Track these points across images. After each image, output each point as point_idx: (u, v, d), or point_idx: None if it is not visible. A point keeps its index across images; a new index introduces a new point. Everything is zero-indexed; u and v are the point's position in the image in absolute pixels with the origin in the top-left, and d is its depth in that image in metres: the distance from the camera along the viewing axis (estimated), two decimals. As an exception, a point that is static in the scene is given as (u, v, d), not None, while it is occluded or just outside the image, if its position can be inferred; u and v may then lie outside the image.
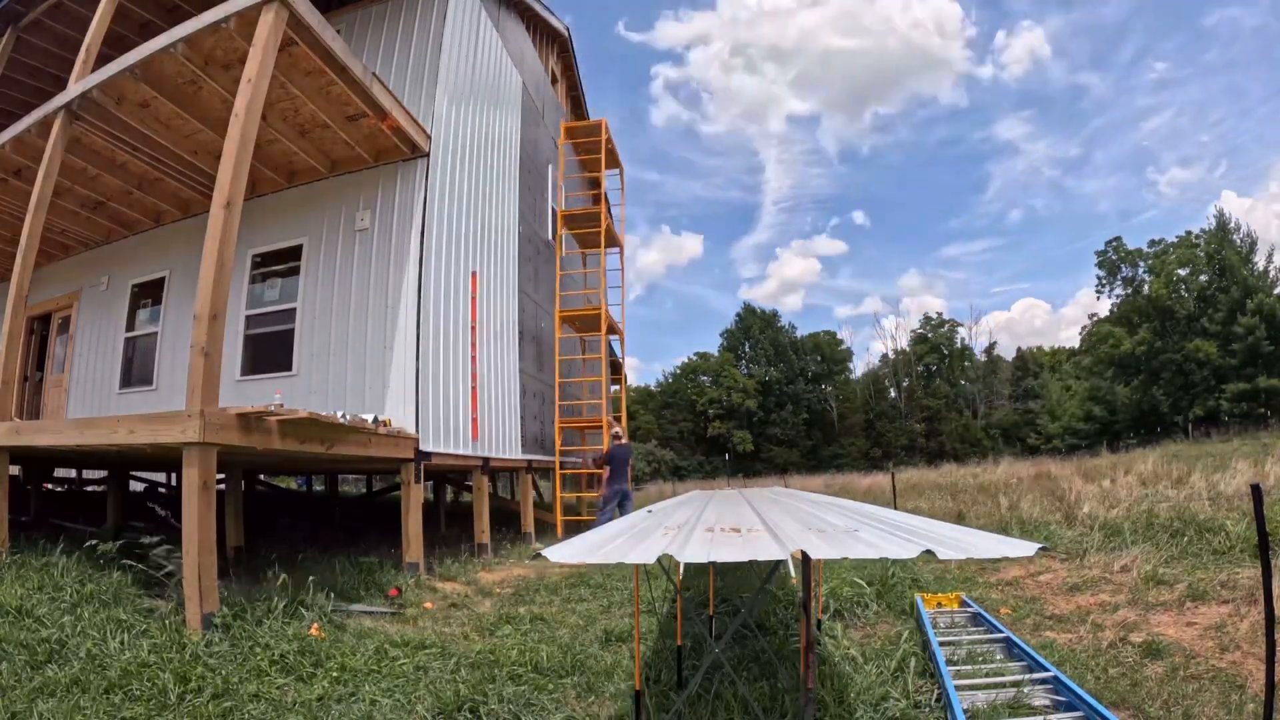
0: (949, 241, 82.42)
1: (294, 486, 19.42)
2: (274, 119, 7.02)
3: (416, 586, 6.37)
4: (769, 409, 52.37)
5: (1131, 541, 6.72)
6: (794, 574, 2.31)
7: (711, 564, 3.38)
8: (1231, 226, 38.71)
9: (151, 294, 9.39)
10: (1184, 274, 39.94)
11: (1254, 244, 38.01)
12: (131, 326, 9.51)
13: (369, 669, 4.00)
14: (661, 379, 58.40)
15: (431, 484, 14.00)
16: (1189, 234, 40.86)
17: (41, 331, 11.03)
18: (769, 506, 3.69)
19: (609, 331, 13.67)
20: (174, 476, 12.19)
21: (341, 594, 5.63)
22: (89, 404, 9.60)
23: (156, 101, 6.65)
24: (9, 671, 3.65)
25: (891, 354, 56.13)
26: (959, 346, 54.16)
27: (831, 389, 55.00)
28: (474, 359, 9.00)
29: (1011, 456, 33.17)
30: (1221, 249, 37.91)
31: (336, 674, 3.88)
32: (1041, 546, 1.97)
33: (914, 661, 3.97)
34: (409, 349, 7.45)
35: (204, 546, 4.49)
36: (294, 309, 8.04)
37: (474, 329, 9.08)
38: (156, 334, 9.12)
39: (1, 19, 8.51)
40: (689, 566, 4.34)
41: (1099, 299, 46.03)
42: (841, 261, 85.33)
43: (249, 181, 5.57)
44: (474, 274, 9.22)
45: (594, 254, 14.06)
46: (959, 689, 3.46)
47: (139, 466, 10.13)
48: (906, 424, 50.90)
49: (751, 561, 1.87)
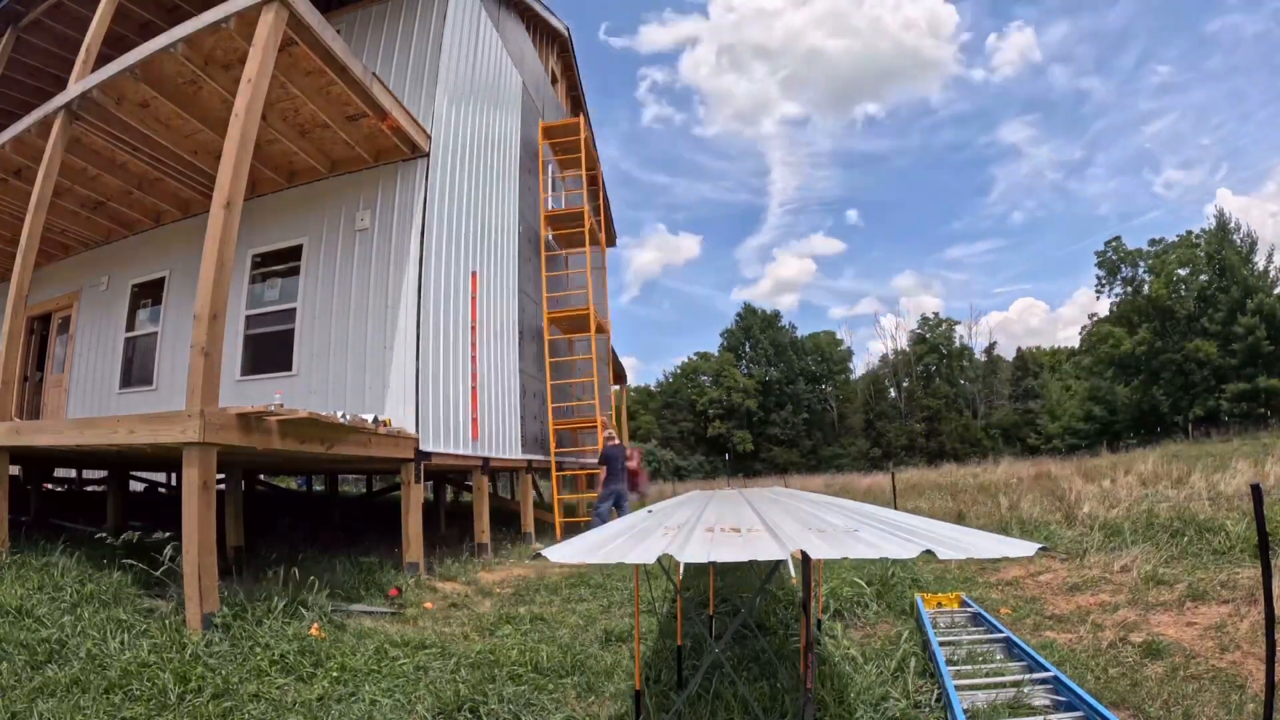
0: (952, 243, 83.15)
1: (294, 486, 19.43)
2: (274, 119, 7.03)
3: (416, 586, 6.37)
4: (769, 409, 52.37)
5: (1131, 541, 6.72)
6: (794, 574, 2.31)
7: (711, 564, 3.38)
8: (1231, 226, 38.75)
9: (151, 294, 9.40)
10: (1184, 274, 39.95)
11: (1254, 244, 38.05)
12: (131, 326, 9.51)
13: (369, 669, 4.00)
14: (661, 379, 58.48)
15: (431, 484, 14.00)
16: (1189, 234, 40.88)
17: (41, 331, 11.03)
18: (769, 506, 3.69)
19: (597, 331, 13.66)
20: (174, 476, 12.19)
21: (341, 594, 5.64)
22: (89, 404, 9.60)
23: (156, 101, 6.65)
24: (9, 671, 3.65)
25: (891, 354, 56.18)
26: (958, 346, 54.16)
27: (831, 389, 55.00)
28: (474, 359, 9.00)
29: (1011, 456, 33.18)
30: (1221, 249, 37.92)
31: (336, 674, 3.88)
32: (1041, 546, 1.97)
33: (914, 661, 3.97)
34: (409, 349, 7.46)
35: (204, 546, 4.50)
36: (294, 309, 8.05)
37: (474, 329, 9.08)
38: (156, 334, 9.12)
39: (1, 19, 8.52)
40: (689, 566, 4.34)
41: (1099, 299, 46.09)
42: (843, 262, 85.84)
43: (249, 181, 5.58)
44: (474, 274, 9.22)
45: (576, 254, 13.95)
46: (959, 689, 3.46)
47: (139, 466, 10.14)
48: (906, 424, 50.90)
49: (751, 561, 1.87)
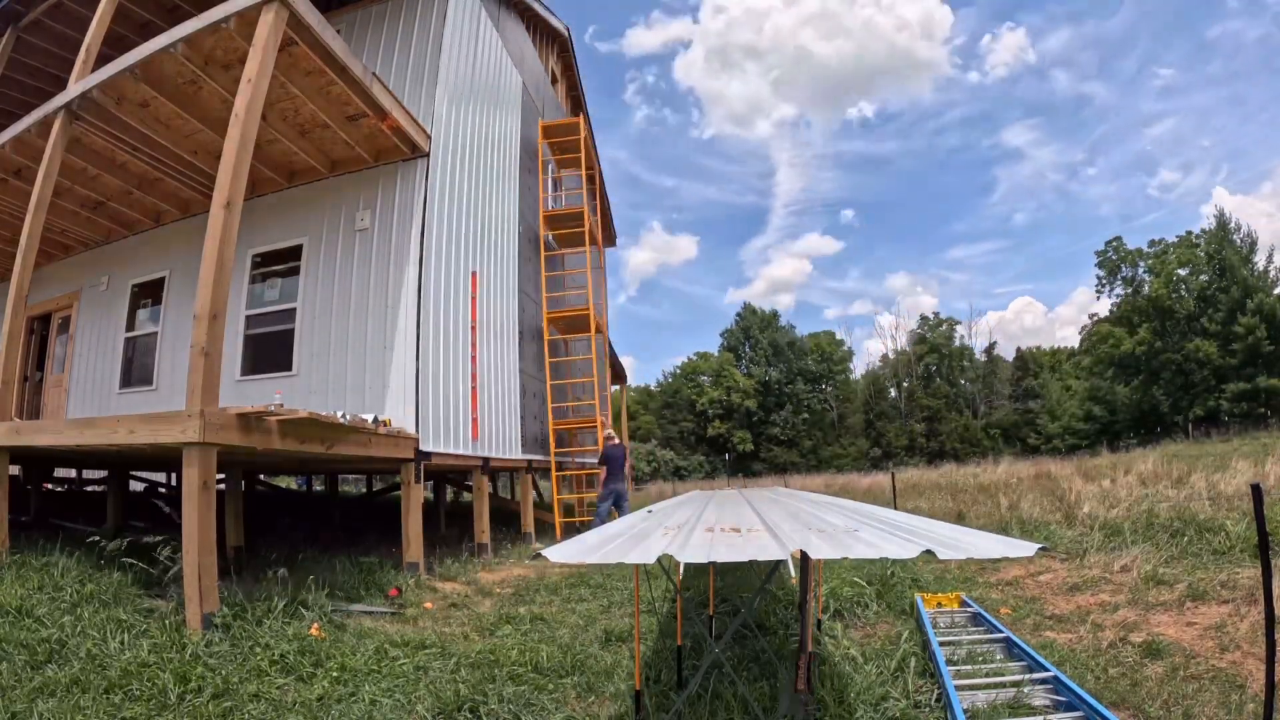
0: (955, 244, 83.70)
1: (294, 486, 19.43)
2: (274, 119, 7.03)
3: (416, 586, 6.37)
4: (769, 409, 52.36)
5: (1131, 541, 6.72)
6: (794, 574, 2.31)
7: (711, 564, 3.38)
8: (1232, 226, 38.76)
9: (151, 294, 9.40)
10: (1184, 274, 39.96)
11: (1254, 244, 38.08)
12: (131, 326, 9.51)
13: (369, 669, 4.00)
14: (661, 379, 58.48)
15: (431, 484, 14.00)
16: (1189, 234, 40.91)
17: (41, 331, 11.03)
18: (769, 506, 3.69)
19: (596, 331, 13.65)
20: (174, 476, 12.19)
21: (342, 594, 5.64)
22: (89, 404, 9.59)
23: (156, 101, 6.65)
24: (9, 671, 3.65)
25: (891, 354, 56.18)
26: (958, 346, 54.15)
27: (831, 389, 54.98)
28: (474, 359, 9.00)
29: (1011, 456, 33.21)
30: (1221, 249, 37.93)
31: (336, 674, 3.88)
32: (1041, 547, 1.97)
33: (914, 661, 3.97)
34: (409, 349, 7.45)
35: (204, 546, 4.50)
36: (294, 309, 8.04)
37: (474, 329, 9.08)
38: (156, 334, 9.12)
39: (1, 19, 8.51)
40: (689, 566, 4.34)
41: (1099, 299, 46.18)
42: (840, 262, 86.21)
43: (249, 181, 5.58)
44: (474, 274, 9.22)
45: (574, 254, 13.93)
46: (959, 689, 3.46)
47: (139, 466, 10.13)
48: (906, 424, 50.89)
49: (751, 561, 1.87)
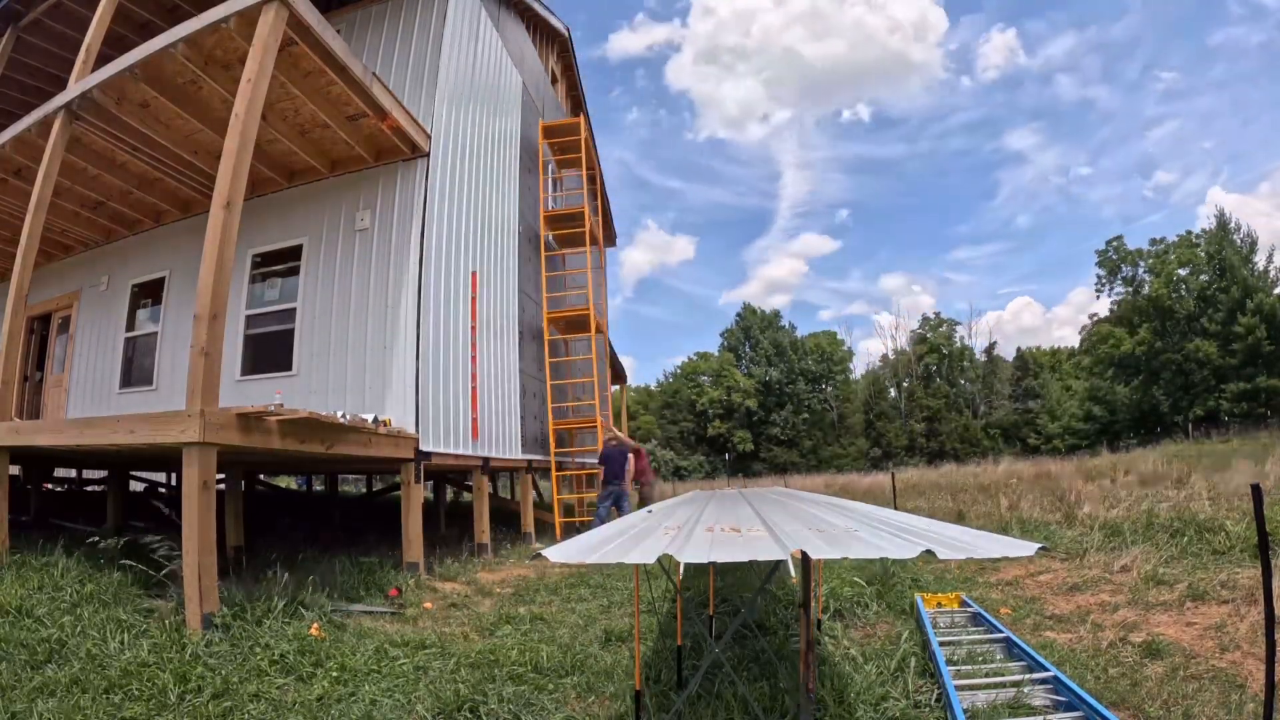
0: (957, 245, 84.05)
1: (294, 486, 19.44)
2: (274, 119, 7.03)
3: (416, 586, 6.37)
4: (769, 409, 52.37)
5: (1131, 541, 6.72)
6: (794, 574, 2.31)
7: (711, 564, 3.38)
8: (1232, 227, 38.77)
9: (151, 294, 9.39)
10: (1184, 274, 39.97)
11: (1254, 244, 38.12)
12: (131, 326, 9.51)
13: (369, 669, 4.00)
14: (662, 379, 58.49)
15: (431, 484, 14.00)
16: (1189, 234, 40.96)
17: (41, 331, 11.03)
18: (769, 506, 3.69)
19: (596, 331, 13.65)
20: (174, 476, 12.19)
21: (341, 594, 5.64)
22: (89, 404, 9.59)
23: (157, 101, 6.65)
24: (9, 671, 3.65)
25: (891, 354, 56.19)
26: (958, 346, 54.17)
27: (832, 389, 54.99)
28: (474, 359, 9.00)
29: (1011, 456, 33.23)
30: (1222, 249, 37.94)
31: (336, 674, 3.88)
32: (1041, 546, 1.97)
33: (914, 661, 3.97)
34: (409, 349, 7.45)
35: (204, 546, 4.50)
36: (294, 309, 8.04)
37: (474, 329, 9.08)
38: (156, 334, 9.12)
39: (1, 19, 8.51)
40: (689, 566, 4.34)
41: (1099, 298, 46.23)
42: (838, 263, 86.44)
43: (249, 181, 5.57)
44: (474, 274, 9.22)
45: (575, 254, 13.92)
46: (959, 689, 3.46)
47: (139, 466, 10.14)
48: (906, 424, 50.90)
49: (751, 561, 1.87)
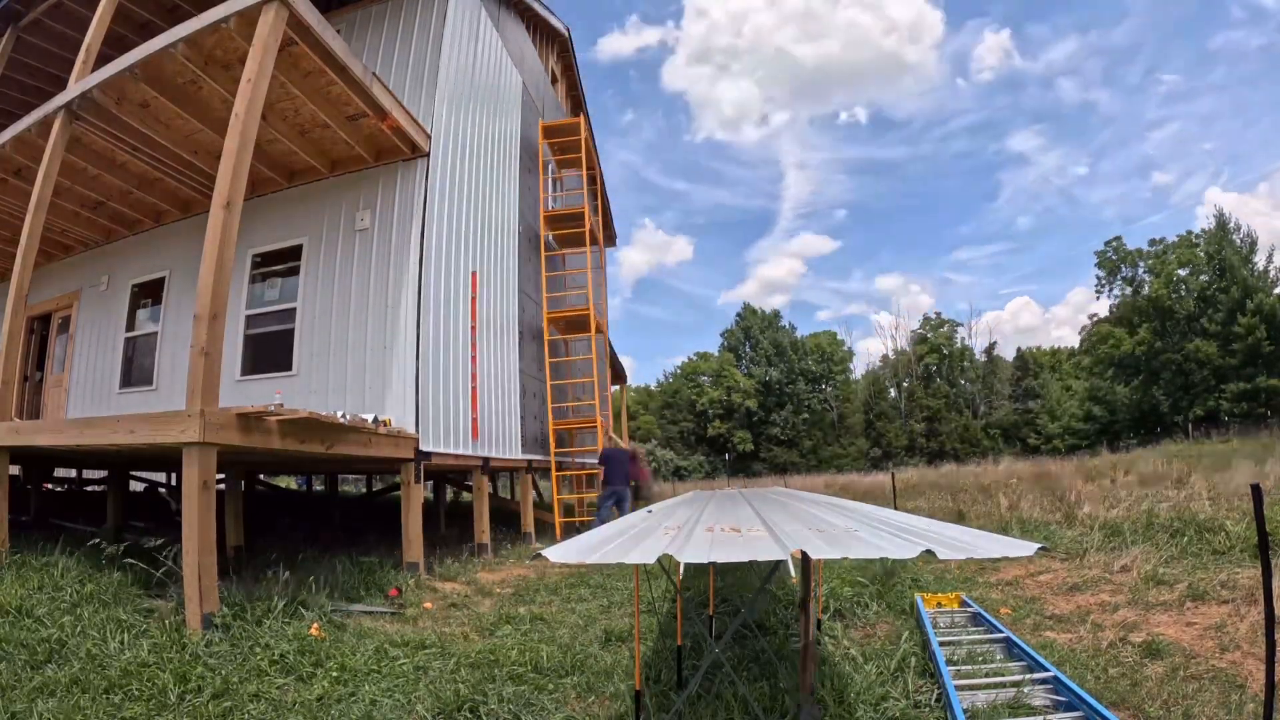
0: (959, 246, 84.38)
1: (294, 486, 19.43)
2: (274, 119, 7.03)
3: (416, 586, 6.37)
4: (769, 409, 52.35)
5: (1131, 541, 6.72)
6: (794, 574, 2.31)
7: (711, 564, 3.38)
8: (1231, 227, 38.77)
9: (151, 294, 9.39)
10: (1184, 274, 39.97)
11: (1254, 244, 38.10)
12: (131, 326, 9.51)
13: (369, 669, 4.00)
14: (662, 379, 58.49)
15: (431, 484, 13.99)
16: (1189, 234, 40.94)
17: (41, 331, 11.03)
18: (769, 506, 3.69)
19: (596, 331, 13.64)
20: (174, 476, 12.19)
21: (342, 594, 5.64)
22: (89, 404, 9.59)
23: (157, 101, 6.65)
24: (9, 671, 3.65)
25: (891, 354, 56.17)
26: (959, 346, 54.17)
27: (832, 389, 54.97)
28: (474, 359, 9.00)
29: (1011, 456, 33.25)
30: (1221, 249, 37.94)
31: (336, 674, 3.88)
32: (1041, 546, 1.97)
33: (914, 661, 3.97)
34: (409, 349, 7.45)
35: (204, 546, 4.50)
36: (294, 309, 8.04)
37: (474, 329, 9.08)
38: (156, 334, 9.12)
39: (1, 19, 8.51)
40: (689, 566, 4.34)
41: (1098, 298, 46.21)
42: (837, 264, 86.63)
43: (249, 181, 5.57)
44: (474, 274, 9.22)
45: (575, 254, 13.90)
46: (959, 689, 3.46)
47: (139, 466, 10.13)
48: (906, 424, 50.88)
49: (751, 562, 1.87)
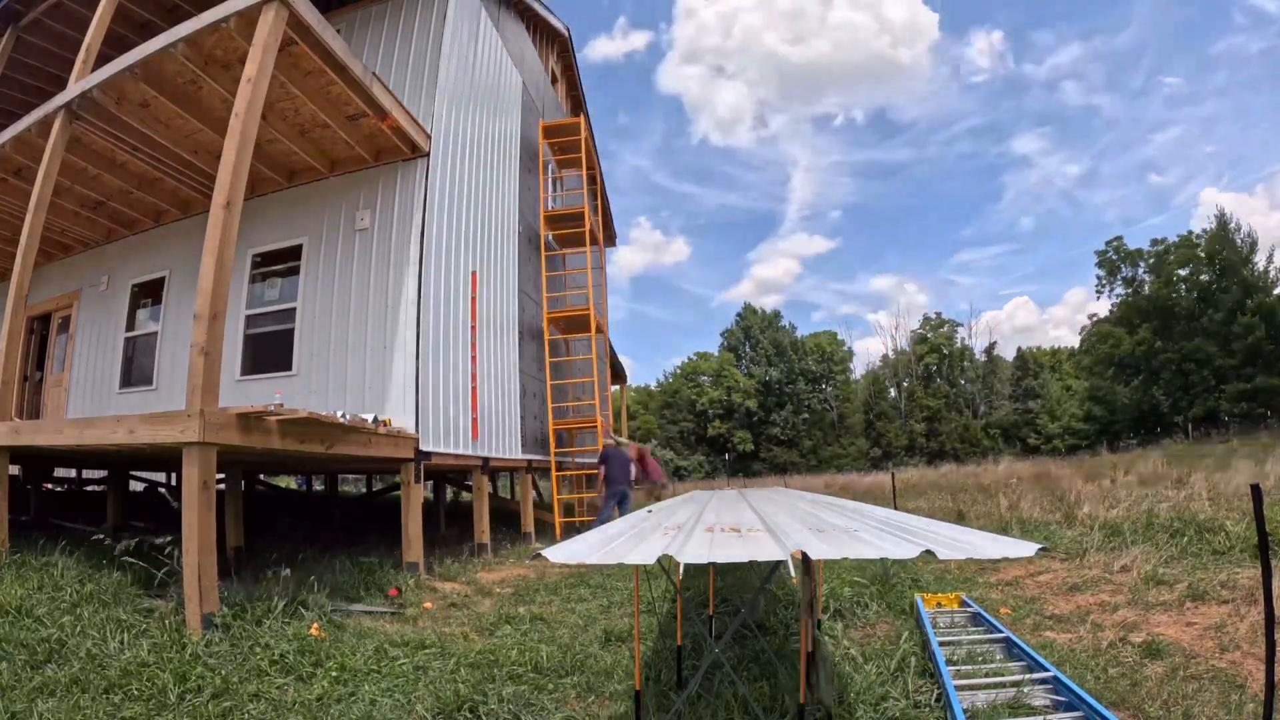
0: (962, 248, 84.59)
1: (294, 486, 19.44)
2: (274, 119, 7.03)
3: (416, 586, 6.37)
4: (769, 409, 52.34)
5: (1131, 541, 6.72)
6: (794, 574, 2.31)
7: (711, 564, 3.38)
8: (1232, 227, 38.75)
9: (151, 294, 9.39)
10: (1184, 274, 39.97)
11: (1254, 244, 38.06)
12: (131, 326, 9.51)
13: (369, 669, 4.00)
14: (661, 379, 58.48)
15: (431, 484, 14.00)
16: (1189, 234, 40.93)
17: (41, 331, 11.03)
18: (769, 506, 3.69)
19: (596, 331, 13.64)
20: (174, 476, 12.19)
21: (341, 594, 5.64)
22: (89, 404, 9.59)
23: (157, 101, 6.65)
24: (9, 671, 3.65)
25: (891, 354, 56.16)
26: (959, 346, 54.18)
27: (832, 389, 54.97)
28: (474, 359, 9.00)
29: (1011, 456, 33.25)
30: (1221, 249, 37.92)
31: (336, 674, 3.88)
32: (1041, 547, 1.97)
33: (914, 661, 3.97)
34: (409, 349, 7.45)
35: (204, 546, 4.50)
36: (294, 309, 8.04)
37: (474, 329, 9.08)
38: (156, 334, 9.12)
39: (1, 18, 8.51)
40: (689, 566, 4.34)
41: (1098, 298, 46.25)
42: (848, 264, 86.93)
43: (249, 181, 5.57)
44: (474, 274, 9.22)
45: (575, 254, 13.89)
46: (959, 689, 3.46)
47: (139, 466, 10.13)
48: (906, 424, 50.87)
49: (751, 562, 1.87)
